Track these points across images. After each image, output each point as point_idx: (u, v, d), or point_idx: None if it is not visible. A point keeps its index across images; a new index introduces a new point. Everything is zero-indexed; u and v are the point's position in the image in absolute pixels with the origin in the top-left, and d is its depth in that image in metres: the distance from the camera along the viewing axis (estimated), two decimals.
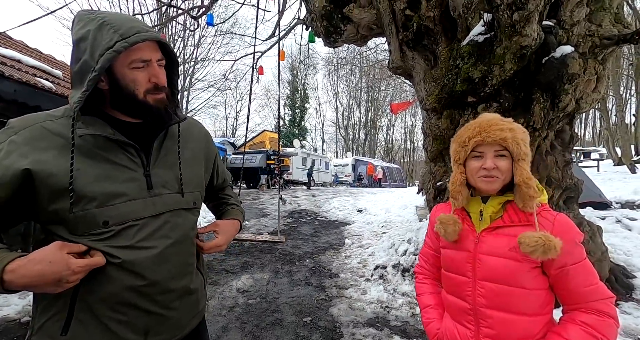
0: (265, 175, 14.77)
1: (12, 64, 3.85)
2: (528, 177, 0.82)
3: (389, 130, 38.67)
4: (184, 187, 0.84)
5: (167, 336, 0.81)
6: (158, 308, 0.77)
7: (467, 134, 0.89)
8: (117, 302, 0.72)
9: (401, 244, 4.20)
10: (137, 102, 0.75)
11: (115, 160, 0.74)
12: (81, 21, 0.72)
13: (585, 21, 2.47)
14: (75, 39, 0.71)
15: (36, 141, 0.68)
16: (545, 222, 0.80)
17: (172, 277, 0.79)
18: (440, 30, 2.96)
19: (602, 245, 2.76)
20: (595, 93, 2.59)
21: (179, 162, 0.84)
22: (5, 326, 2.49)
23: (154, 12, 9.32)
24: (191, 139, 0.92)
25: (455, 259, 0.91)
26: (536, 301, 0.81)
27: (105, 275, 0.71)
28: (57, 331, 0.70)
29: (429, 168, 3.42)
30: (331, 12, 3.69)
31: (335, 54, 19.76)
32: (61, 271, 0.62)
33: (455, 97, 2.75)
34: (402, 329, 2.51)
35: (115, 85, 0.73)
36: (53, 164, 0.68)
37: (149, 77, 0.75)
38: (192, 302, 0.87)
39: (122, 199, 0.72)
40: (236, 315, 2.70)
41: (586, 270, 0.78)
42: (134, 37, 0.68)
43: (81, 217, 0.69)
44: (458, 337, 0.89)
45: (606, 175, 9.05)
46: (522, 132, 0.86)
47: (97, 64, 0.67)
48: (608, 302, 0.77)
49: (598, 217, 4.38)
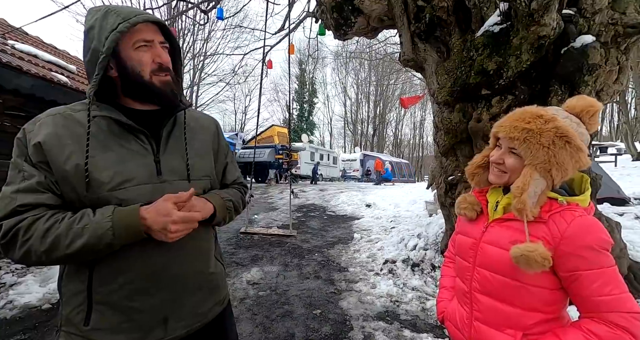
0: (273, 169, 14.86)
1: (29, 59, 3.94)
2: (519, 187, 0.77)
3: (398, 125, 38.23)
4: (191, 174, 0.86)
5: (188, 322, 0.82)
6: (174, 294, 0.80)
7: (499, 121, 0.88)
8: (133, 290, 0.75)
9: (411, 239, 4.18)
10: (144, 84, 0.78)
11: (128, 146, 0.78)
12: (89, 14, 0.78)
13: (608, 9, 2.36)
14: (85, 29, 0.76)
15: (57, 127, 0.74)
16: (561, 222, 0.75)
17: (186, 262, 0.82)
18: (454, 21, 2.88)
19: (620, 241, 2.69)
20: (617, 84, 2.49)
21: (185, 150, 0.87)
22: (28, 312, 2.60)
23: (164, 6, 9.37)
24: (201, 131, 0.95)
25: (463, 244, 0.94)
26: (534, 297, 0.78)
27: (117, 264, 0.73)
28: (81, 322, 0.73)
29: (440, 162, 3.37)
30: (342, 4, 3.63)
31: (344, 48, 19.53)
32: (164, 219, 0.70)
33: (468, 90, 2.69)
34: (412, 323, 2.51)
35: (123, 70, 0.77)
36: (69, 147, 0.72)
37: (153, 57, 0.78)
38: (210, 289, 0.89)
39: (132, 182, 0.75)
40: (247, 307, 2.75)
41: (605, 279, 0.71)
42: (135, 18, 0.74)
43: (95, 199, 0.72)
44: (457, 317, 0.95)
45: (624, 171, 8.76)
46: (550, 137, 0.76)
47: (104, 46, 0.72)
48: (629, 317, 0.68)
49: (616, 214, 4.26)
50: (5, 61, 3.16)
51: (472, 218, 0.93)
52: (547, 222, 0.76)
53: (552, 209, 0.78)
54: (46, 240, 0.66)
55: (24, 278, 3.12)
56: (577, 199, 0.80)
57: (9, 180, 0.71)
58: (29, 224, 0.66)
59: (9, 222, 0.66)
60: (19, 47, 4.07)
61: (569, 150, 0.76)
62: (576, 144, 0.76)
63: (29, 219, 0.67)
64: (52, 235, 0.66)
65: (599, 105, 0.82)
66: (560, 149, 0.76)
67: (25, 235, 0.66)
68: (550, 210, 0.78)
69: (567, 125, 0.78)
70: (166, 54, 0.82)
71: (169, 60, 0.82)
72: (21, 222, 0.67)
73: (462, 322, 0.92)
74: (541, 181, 0.77)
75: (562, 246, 0.74)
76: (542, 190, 0.78)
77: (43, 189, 0.70)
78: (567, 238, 0.73)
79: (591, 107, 0.81)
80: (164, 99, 0.81)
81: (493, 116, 2.60)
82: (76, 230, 0.67)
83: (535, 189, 0.77)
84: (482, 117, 2.66)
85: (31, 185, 0.69)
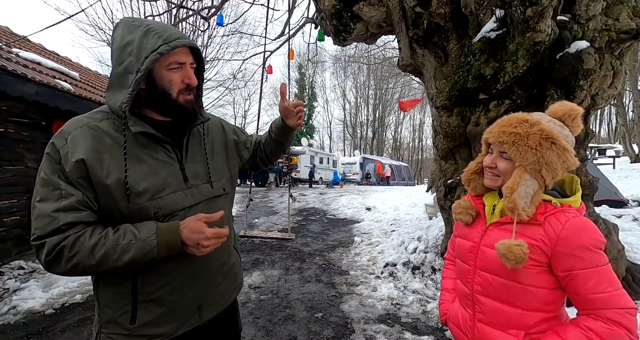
0: (273, 173, 14.88)
1: (33, 66, 3.99)
2: (509, 187, 0.81)
3: (397, 128, 38.37)
4: (212, 177, 0.93)
5: (216, 307, 0.94)
6: (208, 285, 0.91)
7: (489, 128, 0.92)
8: (174, 286, 0.83)
9: (411, 242, 4.20)
10: (171, 101, 0.82)
11: (157, 157, 0.82)
12: (127, 28, 0.78)
13: (602, 15, 2.42)
14: (122, 43, 0.77)
15: (87, 139, 0.75)
16: (556, 224, 0.79)
17: (216, 256, 0.90)
18: (451, 27, 2.94)
19: (618, 243, 2.72)
20: (612, 89, 2.54)
21: (205, 156, 0.94)
22: (31, 318, 2.61)
23: (165, 13, 9.47)
24: (211, 134, 1.01)
25: (462, 247, 0.96)
26: (534, 297, 0.81)
27: (162, 267, 0.80)
28: (126, 321, 0.79)
29: (439, 166, 3.41)
30: (341, 11, 3.70)
31: (343, 52, 19.68)
32: (198, 236, 0.76)
33: (466, 94, 2.74)
34: (413, 325, 2.53)
35: (152, 85, 0.80)
36: (106, 162, 0.75)
37: (183, 78, 0.83)
38: (233, 276, 1.01)
39: (167, 191, 0.81)
40: (249, 311, 2.76)
41: (601, 277, 0.75)
42: (175, 42, 0.77)
43: (135, 210, 0.77)
44: (460, 319, 0.97)
45: (622, 173, 8.80)
46: (536, 139, 0.80)
47: (143, 65, 0.74)
48: (623, 313, 0.72)
49: (614, 216, 4.29)
50: (11, 69, 3.21)
51: (468, 222, 0.96)
52: (543, 224, 0.80)
53: (547, 211, 0.81)
54: (94, 256, 0.71)
55: (27, 283, 3.13)
56: (569, 200, 0.84)
57: (42, 197, 0.71)
58: (73, 241, 0.70)
59: (52, 241, 0.69)
60: (23, 55, 4.13)
61: (555, 150, 0.81)
62: (561, 144, 0.81)
63: (71, 236, 0.70)
64: (100, 252, 0.71)
65: (579, 110, 0.87)
66: (547, 149, 0.80)
67: (71, 252, 0.70)
68: (545, 212, 0.81)
69: (551, 128, 0.82)
70: (194, 74, 0.86)
71: (197, 82, 0.87)
72: (65, 240, 0.70)
73: (465, 324, 0.94)
74: (532, 181, 0.81)
75: (559, 247, 0.77)
76: (535, 191, 0.81)
77: (82, 207, 0.73)
78: (562, 239, 0.77)
79: (572, 111, 0.86)
80: (185, 115, 0.86)
81: (491, 120, 2.64)
82: (123, 246, 0.72)
83: (527, 189, 0.80)
84: (480, 121, 2.70)
85: (71, 204, 0.71)
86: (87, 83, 5.43)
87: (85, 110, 0.85)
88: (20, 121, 3.75)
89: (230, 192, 1.01)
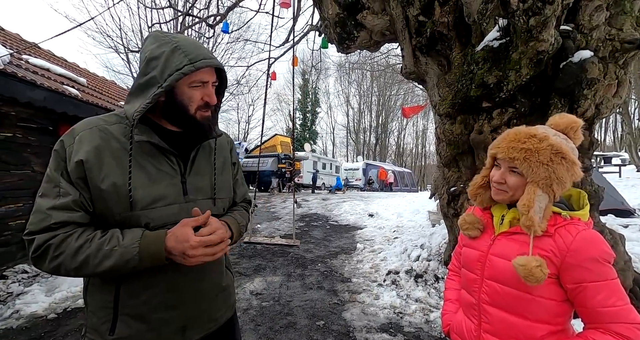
0: (276, 178, 14.90)
1: (43, 72, 4.06)
2: (525, 204, 0.80)
3: (400, 134, 38.38)
4: (217, 194, 0.90)
5: (203, 330, 0.88)
6: (194, 306, 0.84)
7: (495, 143, 0.91)
8: (157, 303, 0.79)
9: (414, 250, 4.17)
10: (188, 116, 0.82)
11: (159, 167, 0.81)
12: (156, 42, 0.79)
13: (605, 25, 2.43)
14: (150, 57, 0.78)
15: (97, 141, 0.76)
16: (566, 235, 0.79)
17: (205, 276, 0.86)
18: (454, 36, 2.96)
19: (625, 254, 2.67)
20: (616, 98, 2.53)
21: (214, 171, 0.92)
22: (34, 322, 2.62)
23: (172, 21, 9.64)
24: (222, 151, 0.99)
25: (470, 257, 0.96)
26: (542, 309, 0.80)
27: (145, 279, 0.77)
28: (106, 332, 0.77)
29: (443, 173, 3.40)
30: (344, 19, 3.74)
31: (347, 59, 19.86)
32: (183, 245, 0.72)
33: (469, 102, 2.74)
34: (415, 335, 2.49)
35: (171, 99, 0.80)
36: (107, 165, 0.74)
37: (203, 95, 0.82)
38: (224, 298, 0.96)
39: (162, 202, 0.79)
40: (250, 317, 2.74)
41: (610, 291, 0.74)
42: (200, 62, 0.77)
43: (127, 217, 0.75)
44: (465, 329, 0.95)
45: (629, 182, 8.71)
46: (547, 154, 0.80)
47: (165, 82, 0.75)
48: (632, 328, 0.72)
49: (620, 225, 4.23)
50: (21, 76, 3.27)
51: (477, 236, 0.96)
52: (553, 236, 0.80)
53: (557, 223, 0.82)
54: (77, 259, 0.70)
55: (30, 287, 3.14)
56: (578, 213, 0.84)
57: (43, 192, 0.73)
58: (60, 241, 0.70)
59: (40, 238, 0.70)
60: (33, 62, 4.21)
61: (565, 165, 0.81)
62: (571, 158, 0.82)
63: (60, 236, 0.70)
64: (83, 255, 0.70)
65: (580, 122, 0.88)
66: (558, 164, 0.81)
67: (56, 252, 0.70)
68: (555, 224, 0.81)
69: (559, 142, 0.83)
70: (214, 93, 0.85)
71: (216, 101, 0.86)
72: (53, 238, 0.70)
73: (469, 334, 0.93)
74: (544, 196, 0.81)
75: (568, 258, 0.77)
76: (546, 205, 0.82)
77: (77, 208, 0.73)
78: (573, 250, 0.76)
79: (574, 124, 0.87)
80: (200, 131, 0.85)
81: (494, 128, 2.64)
82: (105, 252, 0.70)
83: (540, 204, 0.81)
84: (484, 129, 2.70)
85: (67, 203, 0.72)
86: (94, 89, 5.52)
87: (91, 115, 0.86)
88: (28, 126, 3.81)
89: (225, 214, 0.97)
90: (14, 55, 3.86)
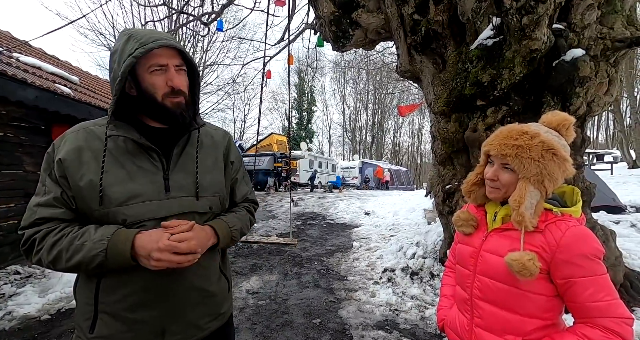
0: (272, 177, 14.89)
1: (34, 71, 4.00)
2: (516, 200, 0.81)
3: (396, 133, 38.53)
4: (200, 192, 0.86)
5: (185, 336, 0.83)
6: (174, 309, 0.81)
7: (488, 140, 0.92)
8: (134, 302, 0.78)
9: (409, 247, 4.19)
10: (157, 105, 0.81)
11: (139, 164, 0.81)
12: (119, 37, 0.82)
13: (597, 24, 2.46)
14: (112, 52, 0.81)
15: (79, 142, 0.79)
16: (556, 231, 0.80)
17: (187, 278, 0.82)
18: (449, 34, 2.98)
19: (616, 250, 2.72)
20: (608, 96, 2.57)
21: (196, 168, 0.88)
22: (27, 324, 2.58)
23: (166, 19, 9.55)
24: (214, 147, 0.96)
25: (463, 253, 0.97)
26: (533, 304, 0.82)
27: (122, 277, 0.76)
28: (87, 329, 0.78)
29: (438, 171, 3.42)
30: (339, 17, 3.74)
31: (343, 57, 19.86)
32: (152, 246, 0.71)
33: (464, 101, 2.76)
34: (411, 332, 2.51)
35: (140, 91, 0.81)
36: (86, 164, 0.77)
37: (166, 80, 0.80)
38: (211, 304, 0.89)
39: (139, 199, 0.78)
40: (246, 316, 2.74)
41: (598, 286, 0.76)
42: (150, 44, 0.76)
43: (104, 214, 0.76)
44: (458, 324, 0.97)
45: (620, 179, 8.84)
46: (538, 151, 0.81)
47: (120, 70, 0.76)
48: (619, 322, 0.73)
49: (612, 222, 4.29)
50: (11, 74, 3.22)
51: (471, 233, 0.97)
52: (543, 232, 0.81)
53: (547, 219, 0.83)
54: (52, 253, 0.72)
55: (23, 288, 3.10)
56: (570, 210, 0.85)
57: (36, 191, 0.79)
58: (42, 235, 0.74)
59: (28, 232, 0.75)
60: (24, 60, 4.15)
61: (556, 161, 0.82)
62: (562, 155, 0.83)
63: (43, 231, 0.74)
64: (57, 249, 0.72)
65: (572, 119, 0.88)
66: (549, 161, 0.82)
67: (38, 245, 0.74)
68: (546, 220, 0.83)
69: (551, 139, 0.84)
70: (180, 77, 0.82)
71: (182, 84, 0.83)
72: (37, 233, 0.74)
73: (462, 329, 0.95)
74: (535, 192, 0.82)
75: (558, 254, 0.78)
76: (538, 201, 0.83)
77: (59, 205, 0.76)
78: (562, 246, 0.77)
79: (566, 121, 0.87)
80: (173, 119, 0.83)
81: (488, 126, 2.66)
82: (76, 246, 0.71)
83: (531, 200, 0.82)
84: (478, 127, 2.73)
85: (49, 200, 0.76)
86: (87, 87, 5.45)
87: (84, 114, 0.89)
88: (20, 125, 3.75)
89: (217, 212, 0.92)
90: (4, 53, 3.80)
